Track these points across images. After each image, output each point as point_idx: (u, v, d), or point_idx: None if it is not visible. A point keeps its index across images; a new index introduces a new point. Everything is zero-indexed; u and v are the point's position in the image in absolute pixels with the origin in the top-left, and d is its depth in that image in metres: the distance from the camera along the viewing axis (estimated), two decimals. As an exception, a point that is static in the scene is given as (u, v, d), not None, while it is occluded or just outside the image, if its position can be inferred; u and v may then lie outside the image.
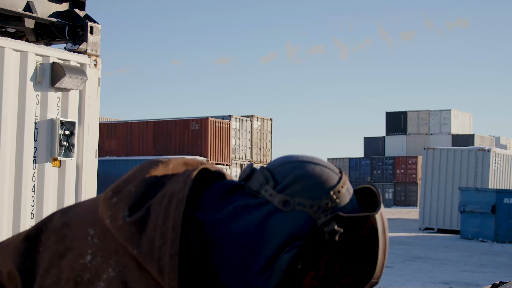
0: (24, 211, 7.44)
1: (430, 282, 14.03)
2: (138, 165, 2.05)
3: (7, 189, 7.32)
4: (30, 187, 7.56)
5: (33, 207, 7.57)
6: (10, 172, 7.38)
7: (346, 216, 1.86)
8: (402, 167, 58.62)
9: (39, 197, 7.63)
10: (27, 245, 2.00)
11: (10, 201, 7.35)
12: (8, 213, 7.31)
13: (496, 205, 24.74)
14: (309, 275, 1.89)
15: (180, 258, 1.82)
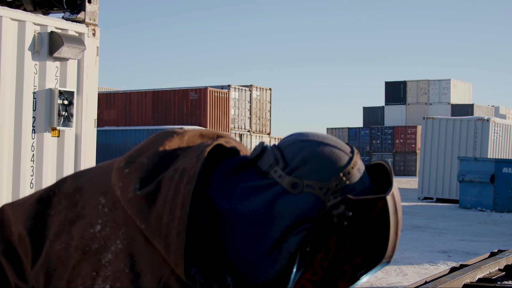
0: (23, 181, 7.44)
1: (428, 251, 14.07)
2: (153, 134, 2.03)
3: (6, 159, 7.31)
4: (29, 157, 7.55)
5: (32, 176, 7.56)
6: (9, 142, 7.37)
7: (355, 199, 1.84)
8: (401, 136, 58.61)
9: (38, 167, 7.63)
10: (38, 207, 1.99)
11: (9, 171, 7.34)
12: (7, 183, 7.31)
13: (495, 175, 24.77)
14: (318, 256, 1.88)
15: (188, 235, 1.81)
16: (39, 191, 2.05)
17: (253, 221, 1.88)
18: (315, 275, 1.90)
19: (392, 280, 10.62)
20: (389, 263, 1.94)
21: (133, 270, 1.80)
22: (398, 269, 11.59)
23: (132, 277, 1.79)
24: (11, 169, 7.37)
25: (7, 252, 1.98)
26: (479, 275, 3.79)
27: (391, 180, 1.92)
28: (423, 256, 13.32)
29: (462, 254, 13.52)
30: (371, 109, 69.74)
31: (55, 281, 1.85)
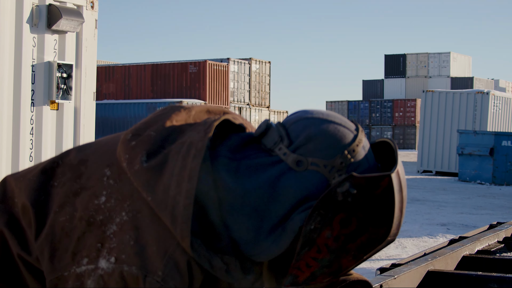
0: (22, 154, 7.44)
1: (427, 224, 14.11)
2: (161, 108, 2.02)
3: (5, 132, 7.30)
4: (28, 130, 7.54)
5: (31, 150, 7.56)
6: (8, 116, 7.36)
7: (360, 176, 1.83)
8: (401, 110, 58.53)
9: (38, 140, 7.62)
10: (42, 178, 1.98)
11: (8, 145, 7.34)
12: (7, 156, 7.31)
13: (494, 148, 24.77)
14: (323, 234, 1.87)
15: (194, 208, 1.81)
16: (42, 162, 2.04)
17: (258, 198, 1.88)
18: (319, 253, 1.91)
19: (391, 253, 10.66)
20: (394, 241, 1.94)
21: (138, 242, 1.80)
22: (397, 241, 11.63)
23: (137, 249, 1.79)
24: (10, 142, 7.36)
25: (10, 224, 1.97)
26: (478, 247, 3.80)
27: (396, 158, 1.92)
28: (422, 229, 13.36)
29: (461, 227, 13.56)
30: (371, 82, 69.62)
31: (60, 253, 1.85)
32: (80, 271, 1.81)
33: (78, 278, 1.81)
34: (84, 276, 1.80)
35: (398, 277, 2.80)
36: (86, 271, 1.80)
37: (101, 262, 1.79)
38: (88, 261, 1.81)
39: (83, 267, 1.81)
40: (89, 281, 1.79)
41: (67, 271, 1.83)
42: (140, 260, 1.78)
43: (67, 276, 1.83)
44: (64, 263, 1.84)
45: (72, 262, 1.83)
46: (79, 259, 1.82)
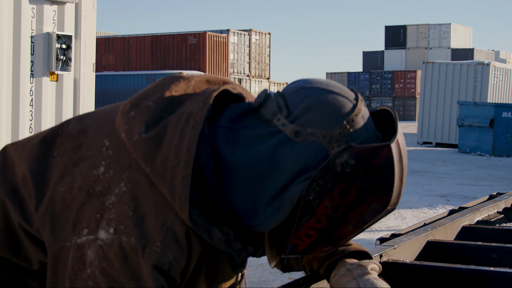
0: (22, 126, 7.43)
1: (427, 195, 14.13)
2: (160, 78, 2.02)
3: (5, 103, 7.29)
4: (28, 102, 7.53)
5: (31, 121, 7.55)
6: (8, 87, 7.34)
7: (359, 147, 1.83)
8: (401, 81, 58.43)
9: (37, 111, 7.61)
10: (42, 148, 1.98)
11: (8, 116, 7.33)
12: (6, 128, 7.30)
13: (494, 119, 24.74)
14: (322, 204, 1.87)
15: (192, 180, 1.81)
16: (42, 132, 2.04)
17: (256, 169, 1.88)
18: (319, 223, 1.91)
19: (391, 224, 10.69)
20: (394, 210, 1.94)
21: (137, 213, 1.80)
22: (397, 213, 11.66)
23: (136, 220, 1.79)
24: (10, 114, 7.35)
25: (11, 193, 1.97)
26: (477, 218, 3.80)
27: (396, 127, 1.91)
28: (422, 200, 13.38)
29: (461, 198, 13.58)
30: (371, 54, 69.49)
31: (60, 224, 1.85)
32: (80, 241, 1.81)
33: (79, 248, 1.81)
34: (85, 247, 1.80)
35: (398, 247, 2.81)
36: (86, 242, 1.80)
37: (101, 233, 1.80)
38: (88, 231, 1.81)
39: (84, 238, 1.81)
40: (90, 251, 1.80)
41: (68, 242, 1.83)
42: (138, 231, 1.78)
43: (68, 246, 1.83)
44: (65, 234, 1.84)
45: (72, 233, 1.83)
46: (79, 230, 1.82)
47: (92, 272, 1.79)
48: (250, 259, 7.35)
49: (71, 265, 1.82)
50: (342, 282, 2.11)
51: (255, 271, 7.45)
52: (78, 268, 1.81)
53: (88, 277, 1.80)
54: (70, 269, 1.82)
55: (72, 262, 1.82)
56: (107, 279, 1.78)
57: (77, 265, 1.81)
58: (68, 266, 1.82)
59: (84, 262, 1.80)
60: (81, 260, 1.81)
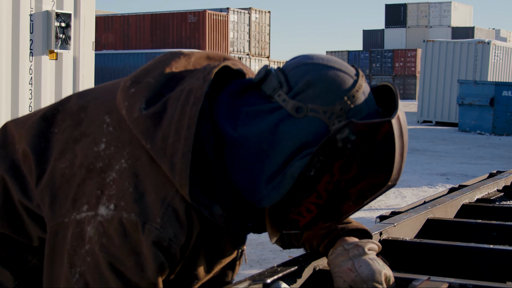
0: (22, 104, 7.42)
1: (427, 174, 14.14)
2: (160, 55, 2.02)
3: (4, 82, 7.28)
4: (28, 80, 7.52)
5: (31, 100, 7.54)
6: (7, 66, 7.32)
7: (360, 122, 1.82)
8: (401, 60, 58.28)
9: (37, 90, 7.60)
10: (42, 125, 1.98)
11: (7, 95, 7.32)
12: (6, 106, 7.30)
13: (494, 98, 24.71)
14: (323, 180, 1.87)
15: (193, 156, 1.81)
16: (43, 108, 2.04)
17: (257, 145, 1.88)
18: (320, 198, 1.91)
19: (391, 202, 10.70)
20: (394, 186, 1.94)
21: (138, 189, 1.80)
22: (397, 191, 11.67)
23: (136, 196, 1.79)
24: (10, 92, 7.34)
25: (11, 170, 1.97)
26: (477, 196, 3.81)
27: (397, 103, 1.91)
28: (422, 178, 13.40)
29: (461, 177, 13.59)
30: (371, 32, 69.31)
31: (60, 200, 1.85)
32: (80, 217, 1.81)
33: (78, 224, 1.81)
34: (84, 223, 1.80)
35: (398, 224, 2.81)
36: (86, 218, 1.80)
37: (101, 209, 1.80)
38: (88, 207, 1.81)
39: (83, 214, 1.81)
40: (89, 227, 1.80)
41: (68, 218, 1.83)
42: (139, 207, 1.78)
43: (67, 222, 1.83)
44: (64, 210, 1.84)
45: (72, 208, 1.83)
46: (79, 206, 1.82)
47: (91, 248, 1.79)
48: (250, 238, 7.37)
49: (70, 241, 1.82)
50: (339, 261, 2.12)
51: (255, 249, 7.47)
52: (77, 244, 1.81)
53: (86, 253, 1.80)
54: (69, 245, 1.82)
55: (71, 238, 1.82)
56: (106, 255, 1.79)
57: (76, 241, 1.81)
58: (67, 242, 1.83)
59: (83, 238, 1.80)
60: (80, 236, 1.81)
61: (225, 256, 2.05)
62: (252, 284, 1.96)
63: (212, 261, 2.02)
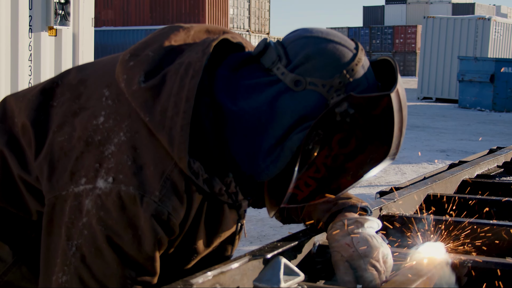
0: (21, 80, 7.41)
1: (427, 150, 14.15)
2: (159, 28, 2.01)
3: (3, 58, 7.26)
4: (27, 57, 7.50)
5: (30, 76, 7.53)
6: (6, 42, 7.31)
7: (358, 96, 1.82)
8: (401, 36, 58.16)
9: (36, 66, 7.59)
10: (41, 98, 1.98)
11: (7, 71, 7.31)
12: (5, 82, 7.28)
13: (494, 74, 24.68)
14: (321, 153, 1.87)
15: (192, 129, 1.80)
16: (42, 82, 2.04)
17: (256, 119, 1.87)
18: (318, 172, 1.91)
19: (390, 178, 10.72)
20: (393, 161, 1.94)
21: (136, 162, 1.80)
22: (397, 168, 11.68)
23: (135, 169, 1.79)
24: (9, 69, 7.33)
25: (10, 143, 1.97)
26: (477, 172, 3.80)
27: (396, 77, 1.90)
28: (421, 155, 13.41)
29: (461, 153, 13.60)
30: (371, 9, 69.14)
31: (58, 173, 1.85)
32: (78, 190, 1.81)
33: (76, 197, 1.81)
34: (82, 196, 1.80)
35: (398, 200, 2.81)
36: (84, 191, 1.80)
37: (99, 182, 1.79)
38: (86, 181, 1.81)
39: (81, 187, 1.81)
40: (87, 200, 1.80)
41: (65, 191, 1.83)
42: (137, 180, 1.78)
43: (65, 195, 1.83)
44: (62, 183, 1.84)
45: (70, 181, 1.83)
46: (77, 179, 1.82)
47: (88, 221, 1.79)
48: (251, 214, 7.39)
49: (67, 214, 1.82)
50: (337, 236, 2.12)
51: (255, 225, 7.49)
52: (74, 217, 1.81)
53: (84, 226, 1.80)
54: (67, 218, 1.82)
55: (68, 211, 1.82)
56: (104, 228, 1.79)
57: (74, 213, 1.81)
58: (64, 214, 1.83)
59: (81, 211, 1.80)
60: (78, 209, 1.81)
61: (224, 230, 2.05)
62: (252, 259, 1.96)
63: (212, 235, 2.02)
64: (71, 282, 1.81)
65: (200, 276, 1.76)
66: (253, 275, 1.94)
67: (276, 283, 1.71)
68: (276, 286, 1.71)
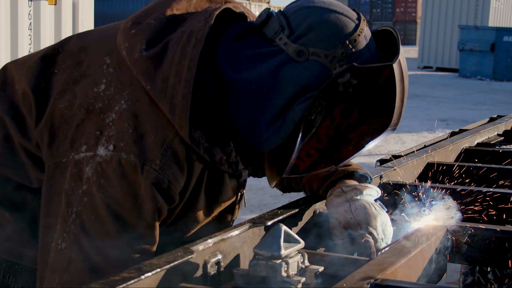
0: (21, 50, 7.39)
1: (427, 119, 14.16)
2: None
3: (3, 28, 7.24)
4: (27, 25, 7.47)
5: (30, 45, 7.51)
6: (5, 11, 7.27)
7: (361, 67, 1.82)
8: (402, 5, 57.90)
9: (36, 36, 7.56)
10: (42, 65, 1.97)
11: (7, 40, 7.28)
12: (5, 52, 7.27)
13: (495, 43, 24.62)
14: (324, 124, 1.88)
15: (193, 98, 1.80)
16: (43, 49, 2.03)
17: (258, 89, 1.87)
18: (320, 143, 1.92)
19: (391, 147, 10.73)
20: (394, 131, 1.94)
21: (137, 130, 1.80)
22: (397, 137, 11.70)
23: (135, 137, 1.79)
24: (9, 38, 7.31)
25: (11, 110, 1.97)
26: (478, 140, 3.81)
27: (398, 47, 1.91)
28: (422, 124, 13.42)
29: (461, 122, 13.61)
30: (372, -23, 68.70)
31: (59, 140, 1.85)
32: (78, 158, 1.81)
33: (76, 164, 1.81)
34: (83, 163, 1.80)
35: (398, 168, 2.82)
36: (84, 158, 1.81)
37: (100, 150, 1.79)
38: (86, 148, 1.81)
39: (82, 154, 1.81)
40: (87, 168, 1.80)
41: (66, 158, 1.83)
42: (138, 148, 1.78)
43: (65, 162, 1.83)
44: (62, 150, 1.84)
45: (70, 149, 1.83)
46: (78, 146, 1.82)
47: (89, 189, 1.80)
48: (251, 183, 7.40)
49: (67, 181, 1.82)
50: (336, 203, 2.13)
51: (255, 194, 7.51)
52: (74, 184, 1.81)
53: (83, 193, 1.80)
54: (67, 185, 1.82)
55: (69, 178, 1.82)
56: (104, 195, 1.79)
57: (74, 181, 1.82)
58: (64, 181, 1.83)
59: (81, 178, 1.81)
60: (78, 176, 1.81)
61: (224, 199, 2.06)
62: (253, 227, 1.97)
63: (212, 204, 2.03)
64: (71, 249, 1.82)
65: (200, 243, 1.77)
66: (254, 242, 1.95)
67: (276, 250, 1.72)
68: (276, 253, 1.71)
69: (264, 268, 1.73)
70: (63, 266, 1.83)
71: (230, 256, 1.88)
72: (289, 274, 1.73)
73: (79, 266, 1.81)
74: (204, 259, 1.78)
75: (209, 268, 1.79)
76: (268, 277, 1.74)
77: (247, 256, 1.93)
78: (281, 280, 1.72)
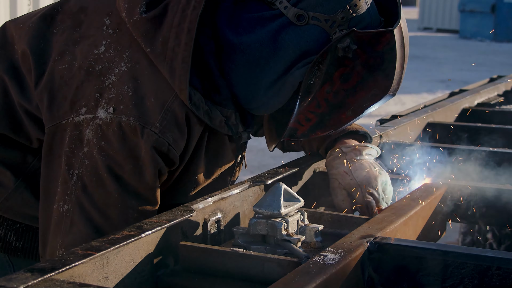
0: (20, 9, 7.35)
1: (427, 80, 14.13)
2: None
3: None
4: (24, -13, 7.43)
5: (29, 6, 7.48)
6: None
7: (361, 32, 1.82)
8: (402, -34, 57.54)
9: None
10: (41, 25, 1.96)
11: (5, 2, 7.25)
12: (4, 11, 7.23)
13: (496, 4, 24.46)
14: (323, 88, 1.87)
15: (193, 61, 1.80)
16: (42, 8, 2.02)
17: (258, 52, 1.87)
18: (319, 107, 1.91)
19: (390, 109, 10.72)
20: (394, 96, 1.94)
21: (137, 93, 1.80)
22: (397, 98, 11.67)
23: (135, 100, 1.79)
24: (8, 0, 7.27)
25: (10, 70, 1.96)
26: (477, 100, 3.81)
27: (399, 13, 1.90)
28: (421, 85, 13.40)
29: (461, 84, 13.55)
30: None
31: (58, 101, 1.85)
32: (78, 120, 1.81)
33: (76, 126, 1.81)
34: (83, 125, 1.81)
35: (398, 127, 2.82)
36: (84, 120, 1.81)
37: (100, 112, 1.79)
38: (86, 110, 1.81)
39: (82, 116, 1.81)
40: (88, 130, 1.80)
41: (65, 120, 1.83)
42: (138, 111, 1.78)
43: (65, 124, 1.83)
44: (62, 111, 1.84)
45: (70, 110, 1.83)
46: (77, 108, 1.82)
47: (89, 151, 1.80)
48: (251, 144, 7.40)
49: (67, 143, 1.82)
50: (335, 163, 2.14)
51: (255, 155, 7.53)
52: (75, 146, 1.82)
53: (84, 156, 1.81)
54: (67, 147, 1.83)
55: (68, 140, 1.82)
56: (105, 158, 1.79)
57: (74, 143, 1.82)
58: (64, 143, 1.83)
59: (82, 140, 1.81)
60: (79, 138, 1.81)
61: (224, 162, 2.06)
62: (253, 185, 1.97)
63: (212, 167, 2.03)
64: (73, 211, 1.83)
65: (200, 202, 1.78)
66: (254, 201, 1.96)
67: (276, 209, 1.73)
68: (276, 211, 1.72)
69: (264, 227, 1.74)
70: (66, 228, 1.84)
71: (230, 214, 1.89)
72: (289, 233, 1.74)
73: (82, 227, 1.82)
74: (204, 217, 1.79)
75: (209, 227, 1.80)
76: (268, 235, 1.75)
77: (247, 214, 1.95)
78: (281, 238, 1.73)
